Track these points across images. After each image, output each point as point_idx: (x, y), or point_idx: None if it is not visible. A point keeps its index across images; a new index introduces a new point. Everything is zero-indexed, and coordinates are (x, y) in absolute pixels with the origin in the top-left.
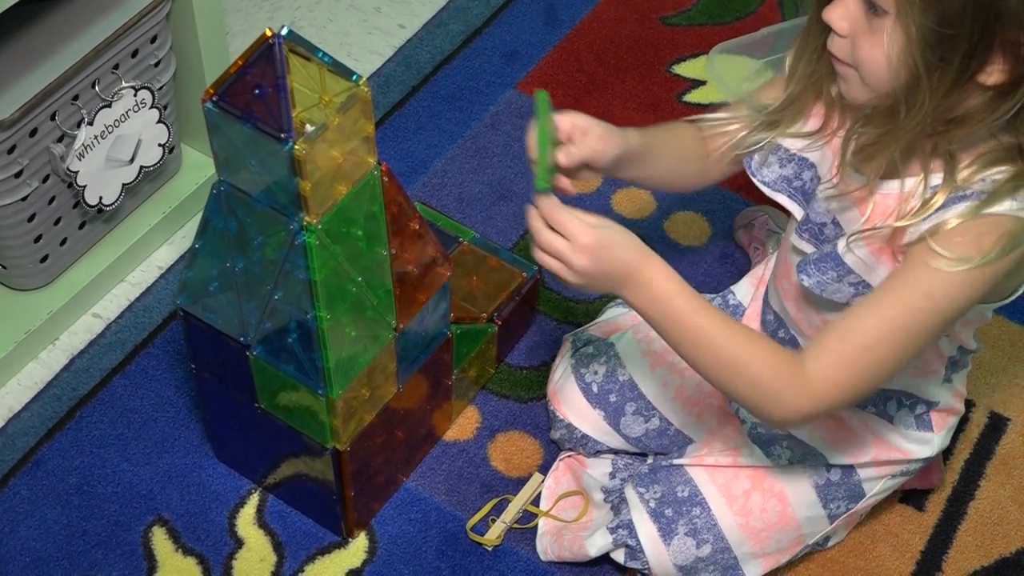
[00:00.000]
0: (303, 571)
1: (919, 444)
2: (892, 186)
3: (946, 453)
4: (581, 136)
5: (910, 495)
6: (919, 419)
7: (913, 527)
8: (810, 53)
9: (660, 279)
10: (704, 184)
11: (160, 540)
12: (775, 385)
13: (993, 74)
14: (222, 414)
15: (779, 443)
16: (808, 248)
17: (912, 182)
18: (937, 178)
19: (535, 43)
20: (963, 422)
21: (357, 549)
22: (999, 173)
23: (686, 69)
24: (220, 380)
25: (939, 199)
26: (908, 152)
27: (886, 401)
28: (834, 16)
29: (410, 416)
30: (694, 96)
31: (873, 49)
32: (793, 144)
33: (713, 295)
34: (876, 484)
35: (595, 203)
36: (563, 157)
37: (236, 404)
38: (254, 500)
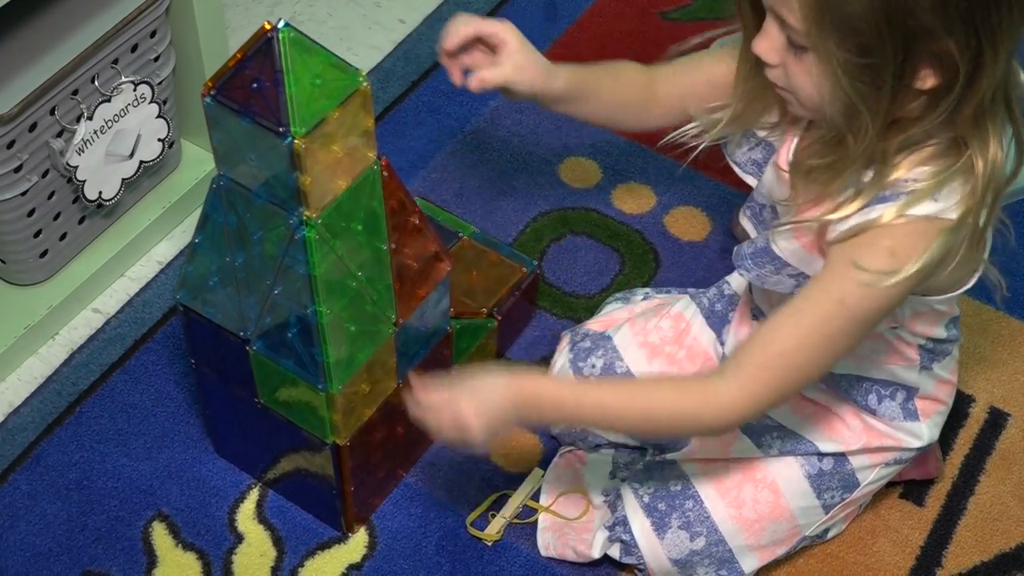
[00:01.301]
0: (303, 566)
1: (907, 433)
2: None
3: (945, 448)
4: (505, 55)
5: (910, 490)
6: (904, 408)
7: (913, 522)
8: (746, 72)
9: (541, 391)
10: (642, 127)
11: (160, 535)
12: (691, 412)
13: (927, 80)
14: (222, 409)
15: (769, 433)
16: (749, 227)
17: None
18: (868, 175)
19: (535, 38)
20: (963, 417)
21: (357, 544)
22: (924, 172)
23: None
24: (220, 375)
25: (863, 199)
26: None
27: (867, 392)
28: (762, 49)
29: None
30: None
31: (801, 78)
32: (760, 130)
33: (706, 288)
34: (870, 473)
35: (594, 199)
36: (479, 76)
37: (236, 399)
38: (254, 495)
